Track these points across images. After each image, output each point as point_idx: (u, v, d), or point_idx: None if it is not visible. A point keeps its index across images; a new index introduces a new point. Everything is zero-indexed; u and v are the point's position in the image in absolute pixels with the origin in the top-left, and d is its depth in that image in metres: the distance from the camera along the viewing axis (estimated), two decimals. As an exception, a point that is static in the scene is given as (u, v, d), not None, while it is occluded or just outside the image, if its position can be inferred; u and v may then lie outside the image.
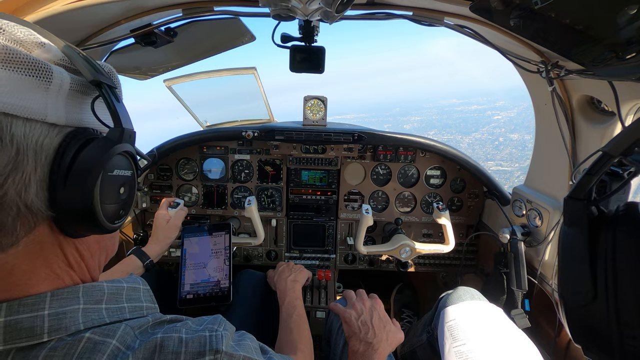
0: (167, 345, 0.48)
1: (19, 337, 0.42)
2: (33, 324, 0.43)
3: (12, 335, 0.42)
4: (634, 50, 0.66)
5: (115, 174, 0.50)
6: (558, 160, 1.29)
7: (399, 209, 1.87)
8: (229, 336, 0.55)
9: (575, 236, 0.48)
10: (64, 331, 0.44)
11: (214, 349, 0.50)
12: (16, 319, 0.43)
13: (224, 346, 0.51)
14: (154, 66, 1.61)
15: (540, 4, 0.66)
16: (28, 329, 0.43)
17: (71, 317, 0.46)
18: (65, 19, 0.93)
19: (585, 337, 0.48)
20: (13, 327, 0.42)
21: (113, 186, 0.50)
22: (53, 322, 0.44)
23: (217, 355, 0.50)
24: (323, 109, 1.75)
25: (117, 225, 0.52)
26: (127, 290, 0.54)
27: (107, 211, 0.49)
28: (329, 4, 0.87)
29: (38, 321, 0.43)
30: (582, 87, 1.12)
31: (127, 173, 0.53)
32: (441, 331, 1.16)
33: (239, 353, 0.53)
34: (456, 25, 1.11)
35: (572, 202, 0.50)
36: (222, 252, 1.35)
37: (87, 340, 0.45)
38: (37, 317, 0.44)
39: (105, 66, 0.57)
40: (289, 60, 1.27)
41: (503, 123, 24.85)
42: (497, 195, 1.70)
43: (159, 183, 1.83)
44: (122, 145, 0.51)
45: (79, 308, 0.47)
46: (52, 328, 0.44)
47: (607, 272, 0.43)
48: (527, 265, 1.36)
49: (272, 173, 1.84)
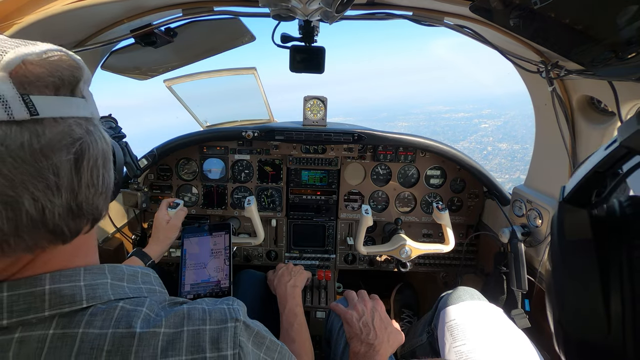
0: (194, 314, 0.53)
1: (62, 303, 0.47)
2: (73, 291, 0.48)
3: (56, 301, 0.47)
4: (634, 50, 0.65)
5: None
6: (558, 160, 1.29)
7: (399, 209, 1.87)
8: (244, 311, 0.60)
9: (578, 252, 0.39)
10: (99, 299, 0.50)
11: (234, 317, 0.55)
12: (59, 287, 0.48)
13: (242, 316, 0.57)
14: (154, 66, 1.61)
15: (540, 4, 0.66)
16: (69, 296, 0.48)
17: (102, 288, 0.52)
18: (65, 19, 0.93)
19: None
20: (57, 294, 0.47)
21: None
22: (89, 291, 0.50)
23: (237, 323, 0.55)
24: (323, 109, 1.75)
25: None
26: (142, 275, 0.60)
27: None
28: (329, 4, 0.87)
29: (77, 290, 0.49)
30: (582, 87, 1.12)
31: None
32: (441, 331, 1.16)
33: (254, 327, 0.59)
34: (456, 25, 1.11)
35: (570, 207, 0.40)
36: (222, 252, 1.35)
37: (121, 308, 0.50)
38: (76, 287, 0.49)
39: None
40: (289, 60, 1.27)
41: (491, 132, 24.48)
42: (497, 195, 1.70)
43: (159, 183, 1.83)
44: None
45: (107, 282, 0.53)
46: (89, 296, 0.49)
47: (624, 300, 0.34)
48: (527, 265, 1.36)
49: (272, 173, 1.84)
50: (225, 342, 0.53)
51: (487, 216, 1.81)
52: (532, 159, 1.49)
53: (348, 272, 2.02)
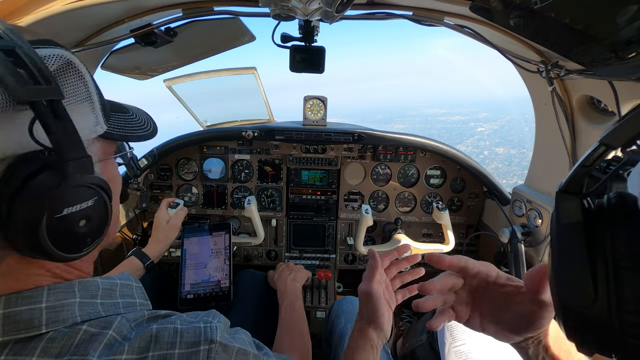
0: (163, 336, 0.49)
1: (17, 328, 0.43)
2: (31, 315, 0.44)
3: (11, 327, 0.43)
4: (634, 50, 0.66)
5: (66, 213, 0.44)
6: (558, 160, 1.29)
7: (399, 209, 1.87)
8: (223, 328, 0.56)
9: (570, 233, 0.46)
10: (62, 323, 0.45)
11: (209, 339, 0.51)
12: (14, 311, 0.44)
13: (219, 337, 0.52)
14: (154, 66, 1.61)
15: (540, 3, 0.66)
16: (26, 320, 0.44)
17: (68, 309, 0.47)
18: (65, 19, 0.93)
19: (582, 336, 0.47)
20: (11, 319, 0.43)
21: (66, 224, 0.45)
22: (51, 314, 0.45)
23: (211, 345, 0.51)
24: (323, 109, 1.75)
25: (84, 252, 0.49)
26: (120, 287, 0.56)
27: (65, 246, 0.45)
28: (329, 4, 0.87)
29: (36, 313, 0.45)
30: (582, 87, 1.12)
31: (84, 205, 0.46)
32: (441, 331, 1.16)
33: (233, 344, 0.55)
34: (456, 25, 1.11)
35: (564, 196, 0.47)
36: (222, 252, 1.35)
37: (84, 332, 0.46)
38: (35, 310, 0.45)
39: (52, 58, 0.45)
40: (289, 60, 1.27)
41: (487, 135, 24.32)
42: (497, 195, 1.70)
43: (159, 183, 1.83)
44: (68, 183, 0.43)
45: (75, 302, 0.48)
46: (50, 320, 0.45)
47: (607, 270, 0.41)
48: (527, 265, 1.36)
49: (272, 173, 1.84)
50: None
51: (487, 216, 1.81)
52: (532, 158, 1.49)
53: (348, 272, 2.02)
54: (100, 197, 0.49)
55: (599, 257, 0.42)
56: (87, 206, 0.47)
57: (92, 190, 0.47)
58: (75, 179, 0.44)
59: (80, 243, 0.48)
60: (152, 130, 0.67)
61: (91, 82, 0.52)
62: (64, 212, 0.44)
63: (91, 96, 0.51)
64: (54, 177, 0.42)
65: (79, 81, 0.49)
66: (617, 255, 0.41)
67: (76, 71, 0.49)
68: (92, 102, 0.51)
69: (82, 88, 0.50)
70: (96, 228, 0.50)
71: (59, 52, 0.46)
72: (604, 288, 0.42)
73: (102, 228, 0.51)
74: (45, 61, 0.44)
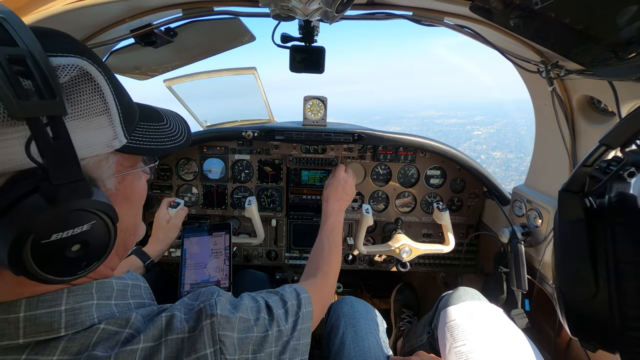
0: (172, 322, 0.53)
1: (37, 331, 0.45)
2: (51, 319, 0.45)
3: (32, 329, 0.44)
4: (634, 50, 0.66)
5: (54, 239, 0.41)
6: (558, 160, 1.29)
7: (399, 209, 1.87)
8: (224, 301, 0.59)
9: (573, 230, 0.47)
10: (80, 326, 0.47)
11: (209, 314, 0.55)
12: (35, 314, 0.45)
13: (219, 310, 0.56)
14: (154, 66, 1.61)
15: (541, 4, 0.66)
16: (46, 324, 0.45)
17: (87, 312, 0.48)
18: (65, 19, 0.93)
19: (585, 331, 0.48)
20: (32, 322, 0.44)
21: (55, 250, 0.42)
22: (70, 317, 0.47)
23: (212, 318, 0.54)
24: (323, 109, 1.75)
25: (80, 275, 0.46)
26: (132, 288, 0.57)
27: (55, 270, 0.43)
28: (329, 4, 0.87)
29: (55, 317, 0.46)
30: (582, 87, 1.12)
31: (77, 230, 0.43)
32: (441, 331, 1.16)
33: (235, 315, 0.58)
34: (456, 25, 1.11)
35: (567, 194, 0.49)
36: (222, 252, 1.35)
37: (102, 330, 0.48)
38: (55, 313, 0.46)
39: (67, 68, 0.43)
40: (289, 60, 1.27)
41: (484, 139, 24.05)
42: (497, 195, 1.70)
43: (159, 183, 1.83)
44: (55, 209, 0.40)
45: (93, 304, 0.50)
46: (69, 323, 0.46)
47: (608, 266, 0.43)
48: (527, 265, 1.36)
49: (272, 173, 1.84)
50: (202, 342, 0.52)
51: (487, 216, 1.81)
52: (532, 158, 1.49)
53: (348, 272, 2.02)
54: (99, 221, 0.46)
55: (600, 253, 0.44)
56: (81, 231, 0.44)
57: (88, 214, 0.44)
58: (66, 204, 0.41)
59: (74, 267, 0.45)
60: (183, 141, 0.64)
61: (110, 94, 0.49)
62: (52, 238, 0.41)
63: (109, 109, 0.48)
64: (42, 201, 0.39)
65: (95, 94, 0.47)
66: (618, 250, 0.42)
67: (92, 83, 0.46)
68: (109, 115, 0.49)
69: (99, 101, 0.47)
70: (94, 252, 0.47)
71: (74, 62, 0.44)
72: (605, 282, 0.43)
73: (101, 251, 0.48)
74: (59, 71, 0.42)
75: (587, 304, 0.45)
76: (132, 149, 0.53)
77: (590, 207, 0.46)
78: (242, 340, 0.56)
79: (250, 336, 0.58)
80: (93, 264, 0.48)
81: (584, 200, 0.47)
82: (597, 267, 0.44)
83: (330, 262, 1.08)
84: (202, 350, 0.51)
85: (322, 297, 0.94)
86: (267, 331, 0.62)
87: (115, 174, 0.52)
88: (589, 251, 0.45)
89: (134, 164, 0.57)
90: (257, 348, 0.59)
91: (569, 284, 0.48)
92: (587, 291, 0.44)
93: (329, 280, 1.03)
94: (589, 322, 0.46)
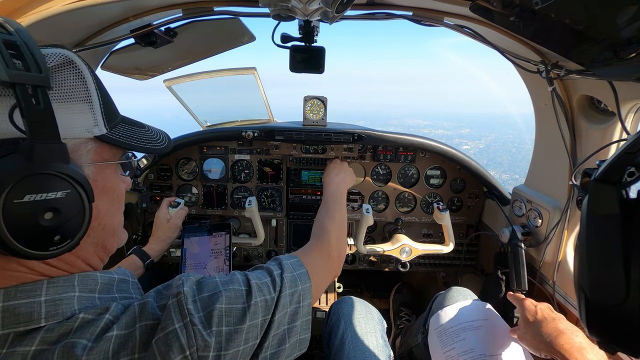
0: (145, 309, 0.51)
1: (16, 322, 0.44)
2: (31, 309, 0.45)
3: (10, 320, 0.44)
4: (634, 50, 0.65)
5: (27, 199, 0.42)
6: (558, 160, 1.29)
7: (399, 209, 1.87)
8: (193, 280, 0.57)
9: (604, 226, 0.42)
10: (60, 317, 0.46)
11: (175, 292, 0.53)
12: (14, 304, 0.44)
13: (186, 287, 0.54)
14: (154, 66, 1.61)
15: (541, 4, 0.66)
16: (26, 314, 0.44)
17: (67, 303, 0.48)
18: (65, 19, 0.93)
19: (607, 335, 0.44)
20: (11, 312, 0.44)
21: (27, 213, 0.43)
22: (50, 307, 0.46)
23: (178, 296, 0.52)
24: (323, 109, 1.75)
25: (54, 251, 0.46)
26: (118, 282, 0.57)
27: (27, 240, 0.43)
28: (329, 4, 0.87)
29: (35, 307, 0.45)
30: (582, 87, 1.12)
31: (50, 195, 0.44)
32: (432, 337, 1.20)
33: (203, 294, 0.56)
34: (456, 25, 1.11)
35: (600, 185, 0.43)
36: (222, 252, 1.35)
37: (81, 319, 0.47)
38: (34, 304, 0.45)
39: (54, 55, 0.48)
40: (289, 60, 1.27)
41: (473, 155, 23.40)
42: (497, 195, 1.70)
43: (159, 183, 1.83)
44: (30, 167, 0.41)
45: (74, 295, 0.49)
46: (49, 314, 0.46)
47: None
48: (527, 265, 1.36)
49: (272, 174, 1.84)
50: (170, 318, 0.50)
51: (487, 216, 1.81)
52: (532, 158, 1.49)
53: (348, 272, 2.02)
54: (73, 191, 0.46)
55: (636, 254, 0.39)
56: (54, 197, 0.44)
57: (63, 181, 0.45)
58: (43, 164, 0.42)
59: (46, 239, 0.45)
60: (163, 146, 0.65)
61: (93, 85, 0.52)
62: (25, 199, 0.42)
63: (91, 97, 0.52)
64: (19, 160, 0.41)
65: (78, 80, 0.50)
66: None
67: (76, 70, 0.50)
68: (91, 104, 0.52)
69: (81, 87, 0.50)
70: (67, 225, 0.47)
71: (61, 52, 0.48)
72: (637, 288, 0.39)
73: (75, 227, 0.48)
74: (47, 57, 0.46)
75: (614, 309, 0.41)
76: (111, 139, 0.55)
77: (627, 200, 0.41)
78: (215, 312, 0.53)
79: (222, 308, 0.54)
80: (66, 241, 0.47)
81: (621, 192, 0.41)
82: (631, 270, 0.39)
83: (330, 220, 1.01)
84: (170, 326, 0.49)
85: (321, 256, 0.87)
86: (247, 302, 0.58)
87: (93, 162, 0.54)
88: (622, 251, 0.40)
89: (113, 159, 0.58)
90: (240, 319, 0.55)
91: (594, 286, 0.44)
92: (616, 296, 0.40)
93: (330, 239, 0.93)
94: (614, 327, 0.43)
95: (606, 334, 0.45)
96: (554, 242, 1.29)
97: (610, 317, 0.43)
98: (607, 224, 0.42)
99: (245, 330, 0.55)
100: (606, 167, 0.43)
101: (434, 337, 1.17)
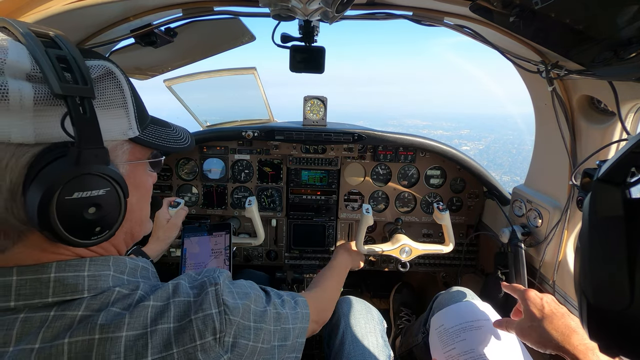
0: (179, 288, 0.59)
1: (64, 291, 0.51)
2: (76, 281, 0.53)
3: (60, 289, 0.51)
4: (634, 50, 0.66)
5: (76, 196, 0.49)
6: (558, 160, 1.29)
7: (399, 209, 1.87)
8: (225, 275, 0.66)
9: (607, 228, 0.41)
10: (99, 290, 0.54)
11: (214, 282, 0.62)
12: (63, 275, 0.52)
13: (221, 280, 0.63)
14: (154, 66, 1.61)
15: (541, 4, 0.66)
16: (72, 285, 0.52)
17: (104, 280, 0.56)
18: (65, 19, 0.93)
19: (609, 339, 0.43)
20: (61, 283, 0.51)
21: (75, 208, 0.49)
22: (91, 282, 0.54)
23: (217, 286, 0.61)
24: (323, 109, 1.75)
25: (93, 241, 0.53)
26: (141, 269, 0.64)
27: (75, 230, 0.50)
28: (329, 4, 0.87)
29: (80, 280, 0.53)
30: (582, 87, 1.12)
31: (94, 193, 0.51)
32: (433, 337, 1.20)
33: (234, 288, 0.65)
34: (456, 25, 1.11)
35: (604, 185, 0.41)
36: (222, 252, 1.35)
37: (117, 292, 0.55)
38: (79, 277, 0.53)
39: (97, 67, 0.55)
40: (289, 60, 1.27)
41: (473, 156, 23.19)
42: (497, 195, 1.70)
43: (159, 183, 1.83)
44: (79, 169, 0.48)
45: (109, 274, 0.57)
46: (91, 287, 0.54)
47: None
48: (527, 265, 1.36)
49: (272, 174, 1.84)
50: (208, 303, 0.58)
51: (487, 216, 1.81)
52: (532, 158, 1.49)
53: (348, 272, 2.02)
54: (112, 189, 0.53)
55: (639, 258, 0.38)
56: (97, 194, 0.51)
57: (104, 181, 0.52)
58: (88, 166, 0.49)
59: (89, 230, 0.52)
60: (187, 145, 0.74)
61: (129, 92, 0.59)
62: (74, 195, 0.48)
63: (127, 104, 0.59)
64: (69, 163, 0.48)
65: (117, 89, 0.57)
66: None
67: (115, 80, 0.57)
68: (127, 109, 0.59)
69: (119, 95, 0.57)
70: (107, 219, 0.54)
71: (103, 64, 0.56)
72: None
73: (113, 219, 0.55)
74: (91, 69, 0.54)
75: (616, 314, 0.40)
76: (144, 141, 0.63)
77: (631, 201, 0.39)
78: (242, 307, 0.63)
79: (249, 305, 0.65)
80: (105, 232, 0.54)
81: (625, 193, 0.40)
82: (635, 273, 0.38)
83: (328, 281, 1.17)
84: (208, 310, 0.57)
85: (318, 305, 0.98)
86: (266, 307, 0.69)
87: (127, 161, 0.61)
88: (627, 255, 0.39)
89: (143, 157, 0.66)
90: (258, 319, 0.66)
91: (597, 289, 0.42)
92: (620, 301, 0.39)
93: (325, 293, 1.10)
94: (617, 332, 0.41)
95: (609, 339, 0.44)
96: (554, 242, 1.29)
97: (613, 322, 0.42)
98: (611, 225, 0.41)
99: (265, 327, 0.66)
100: (610, 167, 0.42)
101: (435, 337, 1.17)
